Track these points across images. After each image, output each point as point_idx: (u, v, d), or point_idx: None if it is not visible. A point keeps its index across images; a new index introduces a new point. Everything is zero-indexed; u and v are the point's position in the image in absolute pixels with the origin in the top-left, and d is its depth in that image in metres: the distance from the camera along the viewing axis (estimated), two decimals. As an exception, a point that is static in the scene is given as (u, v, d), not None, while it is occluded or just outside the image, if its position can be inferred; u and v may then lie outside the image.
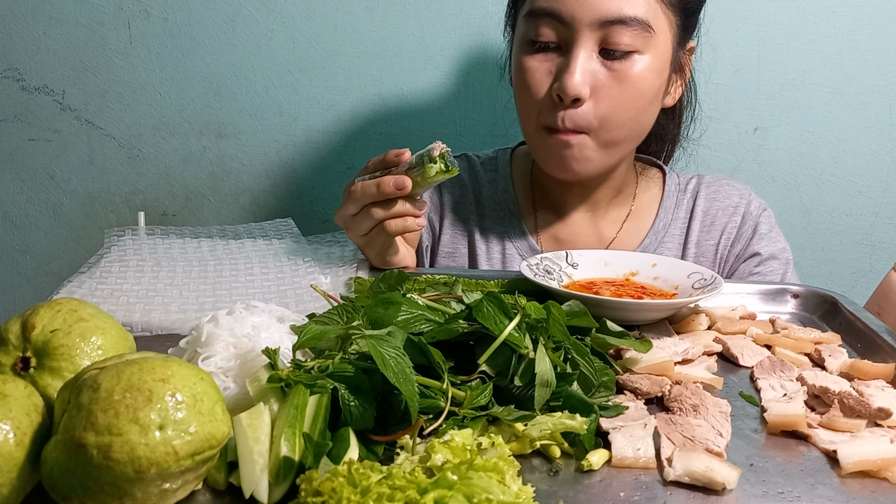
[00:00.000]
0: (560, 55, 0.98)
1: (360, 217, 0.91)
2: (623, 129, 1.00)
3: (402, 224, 0.91)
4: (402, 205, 0.90)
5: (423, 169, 0.87)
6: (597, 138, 0.99)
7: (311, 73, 1.43)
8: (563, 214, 1.16)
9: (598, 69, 0.96)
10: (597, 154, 1.01)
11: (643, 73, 0.97)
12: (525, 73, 1.00)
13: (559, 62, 0.98)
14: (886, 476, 0.55)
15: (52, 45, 1.43)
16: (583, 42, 0.95)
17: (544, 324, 0.64)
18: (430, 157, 0.87)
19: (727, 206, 1.16)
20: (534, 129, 1.02)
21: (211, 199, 1.51)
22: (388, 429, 0.56)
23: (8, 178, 1.51)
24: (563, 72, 0.95)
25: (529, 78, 0.99)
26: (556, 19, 0.95)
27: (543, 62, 0.98)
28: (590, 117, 0.97)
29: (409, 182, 0.88)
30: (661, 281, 0.89)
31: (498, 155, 1.23)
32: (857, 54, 1.37)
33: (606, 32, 0.94)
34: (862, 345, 0.80)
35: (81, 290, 0.84)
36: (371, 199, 0.90)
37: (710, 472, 0.53)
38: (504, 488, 0.46)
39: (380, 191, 0.88)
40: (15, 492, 0.47)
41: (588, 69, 0.95)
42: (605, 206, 1.15)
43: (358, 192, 0.90)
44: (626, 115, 0.99)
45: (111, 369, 0.48)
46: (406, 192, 0.88)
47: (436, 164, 0.87)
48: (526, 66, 1.00)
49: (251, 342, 0.62)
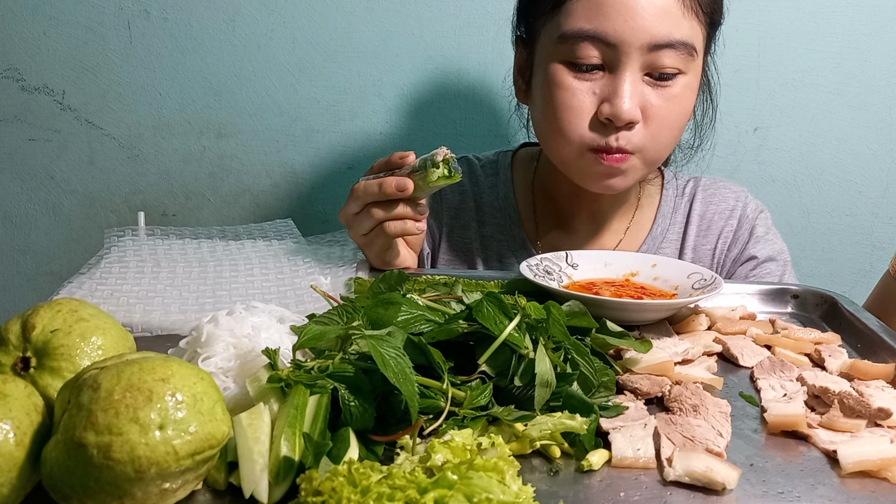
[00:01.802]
0: (604, 75, 0.96)
1: (361, 216, 0.92)
2: (668, 147, 1.01)
3: (402, 226, 0.91)
4: (402, 207, 0.90)
5: (425, 173, 0.87)
6: (643, 158, 0.99)
7: (311, 73, 1.43)
8: (565, 224, 1.15)
9: (647, 91, 0.95)
10: (640, 172, 1.02)
11: (685, 93, 0.98)
12: (567, 93, 0.96)
13: (604, 83, 0.95)
14: (886, 476, 0.55)
15: (52, 45, 1.43)
16: (630, 64, 0.93)
17: (544, 324, 0.64)
18: (433, 161, 0.87)
19: (723, 209, 1.16)
20: (576, 151, 0.99)
21: (211, 199, 1.51)
22: (388, 429, 0.56)
23: (8, 178, 1.51)
24: (615, 95, 0.94)
25: (571, 98, 0.96)
26: (601, 41, 0.93)
27: (586, 82, 0.96)
28: (640, 139, 0.97)
29: (411, 184, 0.88)
30: (661, 281, 0.89)
31: (499, 158, 1.22)
32: (857, 54, 1.37)
33: (654, 55, 0.93)
34: (862, 345, 0.80)
35: (81, 290, 0.84)
36: (372, 199, 0.90)
37: (710, 473, 0.53)
38: (504, 488, 0.46)
39: (381, 191, 0.88)
40: (15, 492, 0.47)
41: (637, 92, 0.95)
42: (609, 216, 1.15)
43: (360, 191, 0.90)
44: (672, 135, 1.00)
45: (111, 369, 0.48)
46: (407, 195, 0.88)
47: (438, 169, 0.87)
48: (567, 86, 0.96)
49: (251, 342, 0.62)
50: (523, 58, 1.09)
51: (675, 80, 0.96)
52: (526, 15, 1.06)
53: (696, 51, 0.96)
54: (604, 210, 1.13)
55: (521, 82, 1.10)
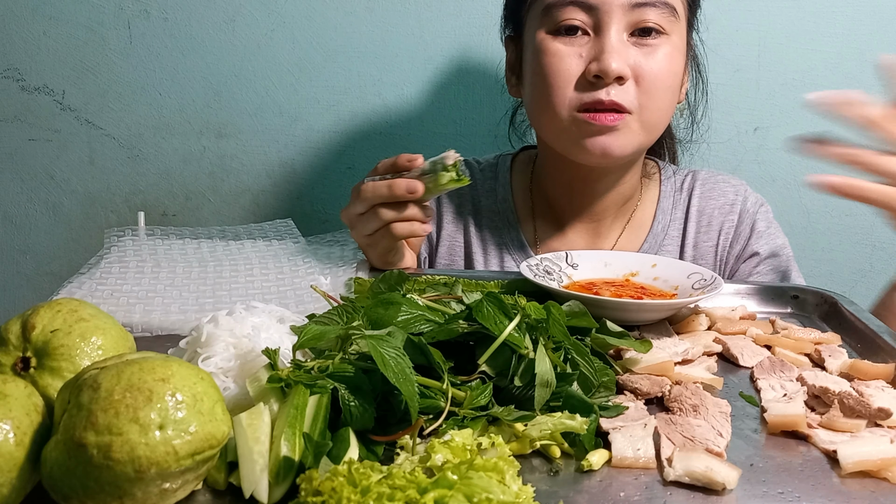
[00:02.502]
0: (590, 39, 0.97)
1: (367, 217, 0.91)
2: (664, 109, 1.01)
3: (409, 228, 0.91)
4: (411, 209, 0.90)
5: (435, 176, 0.88)
6: (639, 119, 0.98)
7: (311, 73, 1.43)
8: (563, 225, 1.15)
9: (633, 52, 0.96)
10: (638, 138, 0.99)
11: (672, 53, 0.99)
12: (554, 57, 0.97)
13: (589, 46, 0.96)
14: (886, 476, 0.55)
15: (52, 45, 1.43)
16: (614, 24, 0.95)
17: (544, 324, 0.64)
18: (443, 165, 0.87)
19: (723, 204, 1.15)
20: (568, 116, 0.98)
21: (211, 199, 1.51)
22: (388, 429, 0.56)
23: (8, 178, 1.51)
24: (601, 52, 0.94)
25: (559, 63, 0.97)
26: (584, 4, 0.95)
27: (572, 46, 0.97)
28: (633, 96, 0.96)
29: (422, 187, 0.88)
30: (661, 281, 0.89)
31: (499, 161, 1.22)
32: (857, 54, 1.37)
33: (636, 14, 0.95)
34: (862, 345, 0.80)
35: (81, 290, 0.84)
36: (381, 200, 0.89)
37: (710, 473, 0.53)
38: (504, 488, 0.46)
39: (391, 192, 0.88)
40: (15, 492, 0.47)
41: (624, 51, 0.95)
42: (608, 216, 1.14)
43: (368, 192, 0.90)
44: (665, 95, 0.99)
45: (111, 369, 0.48)
46: (417, 197, 0.88)
47: (449, 173, 0.87)
48: (554, 51, 0.97)
49: (251, 342, 0.62)
50: (514, 54, 1.10)
51: (660, 39, 0.97)
52: (512, 10, 1.08)
53: (678, 12, 0.98)
54: (601, 208, 1.13)
55: (513, 78, 1.12)
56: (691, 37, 1.07)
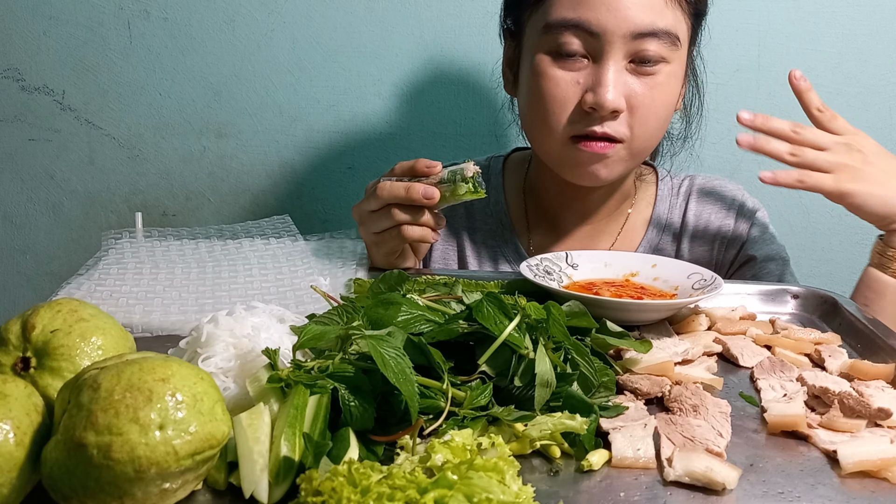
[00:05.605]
0: (588, 65, 0.96)
1: (379, 214, 0.91)
2: (653, 137, 1.01)
3: (420, 233, 0.91)
4: (425, 215, 0.90)
5: (454, 186, 0.88)
6: (629, 147, 0.99)
7: (311, 73, 1.43)
8: (558, 227, 1.15)
9: (630, 80, 0.96)
10: (626, 163, 1.01)
11: (670, 82, 0.98)
12: (551, 83, 0.97)
13: (587, 73, 0.96)
14: (886, 476, 0.55)
15: (52, 45, 1.43)
16: (614, 53, 0.94)
17: (544, 324, 0.64)
18: (462, 176, 0.88)
19: (719, 208, 1.15)
20: (560, 141, 0.99)
21: (211, 199, 1.51)
22: (388, 429, 0.56)
23: (8, 178, 1.51)
24: (598, 85, 0.94)
25: (555, 88, 0.97)
26: (585, 30, 0.94)
27: (570, 72, 0.96)
28: (625, 128, 0.97)
29: (438, 194, 0.88)
30: (661, 282, 0.89)
31: (490, 163, 1.21)
32: (857, 54, 1.37)
33: (637, 44, 0.94)
34: (862, 345, 0.80)
35: (80, 292, 0.84)
36: (396, 201, 0.89)
37: (710, 473, 0.53)
38: (504, 488, 0.46)
39: (407, 195, 0.88)
40: (15, 492, 0.47)
41: (621, 81, 0.95)
42: (603, 219, 1.14)
43: (385, 191, 0.89)
44: (657, 124, 1.00)
45: (111, 369, 0.48)
46: (432, 203, 0.89)
47: (467, 184, 0.88)
48: (551, 76, 0.97)
49: (251, 342, 0.62)
50: (511, 50, 1.09)
51: (658, 69, 0.96)
52: (513, 7, 1.07)
53: (680, 40, 0.97)
54: (596, 211, 1.13)
55: (509, 74, 1.11)
56: (692, 53, 1.05)
